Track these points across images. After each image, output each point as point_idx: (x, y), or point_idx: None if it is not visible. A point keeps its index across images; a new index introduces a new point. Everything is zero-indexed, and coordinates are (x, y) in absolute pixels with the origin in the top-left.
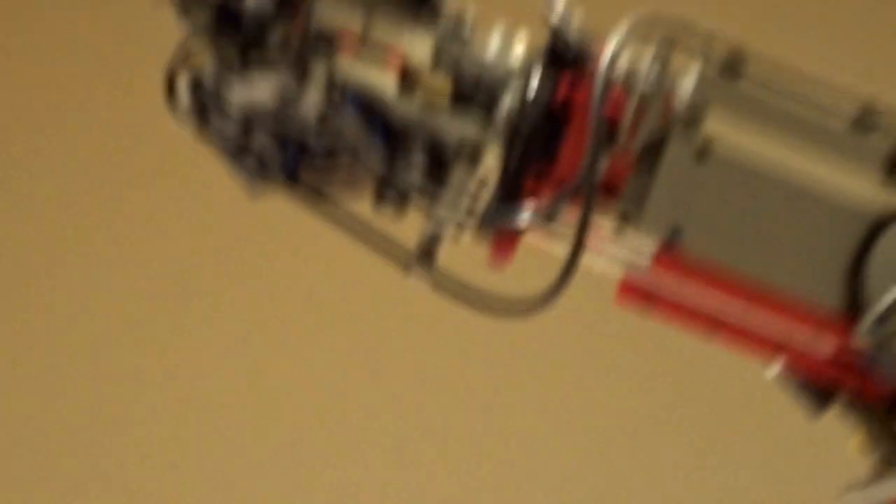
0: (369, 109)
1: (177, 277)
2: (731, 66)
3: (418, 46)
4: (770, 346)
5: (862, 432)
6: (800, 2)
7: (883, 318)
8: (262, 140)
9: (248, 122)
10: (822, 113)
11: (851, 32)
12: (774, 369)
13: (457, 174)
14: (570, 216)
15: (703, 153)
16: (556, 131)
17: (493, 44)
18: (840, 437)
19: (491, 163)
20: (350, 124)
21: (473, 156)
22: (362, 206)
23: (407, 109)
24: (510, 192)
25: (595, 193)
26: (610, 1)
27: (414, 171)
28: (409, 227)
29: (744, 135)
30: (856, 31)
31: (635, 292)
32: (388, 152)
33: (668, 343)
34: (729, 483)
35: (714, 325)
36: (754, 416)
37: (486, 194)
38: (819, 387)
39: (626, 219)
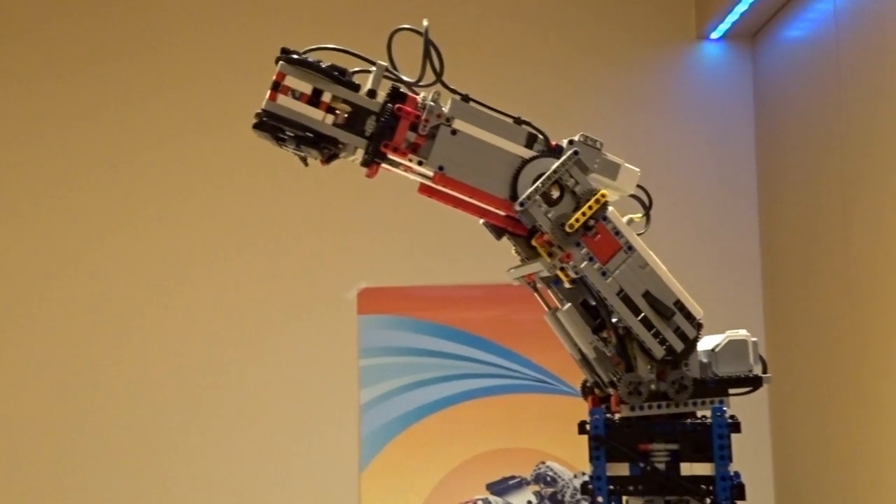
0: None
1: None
2: (464, 100)
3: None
4: (482, 213)
5: (520, 248)
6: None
7: (522, 202)
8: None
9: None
10: (498, 116)
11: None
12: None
13: (354, 138)
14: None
15: (454, 132)
16: (394, 125)
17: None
18: None
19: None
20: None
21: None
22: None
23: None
24: (375, 149)
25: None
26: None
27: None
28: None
29: (469, 127)
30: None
31: (426, 189)
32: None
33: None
34: None
35: (459, 203)
36: None
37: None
38: (498, 228)
39: (420, 163)
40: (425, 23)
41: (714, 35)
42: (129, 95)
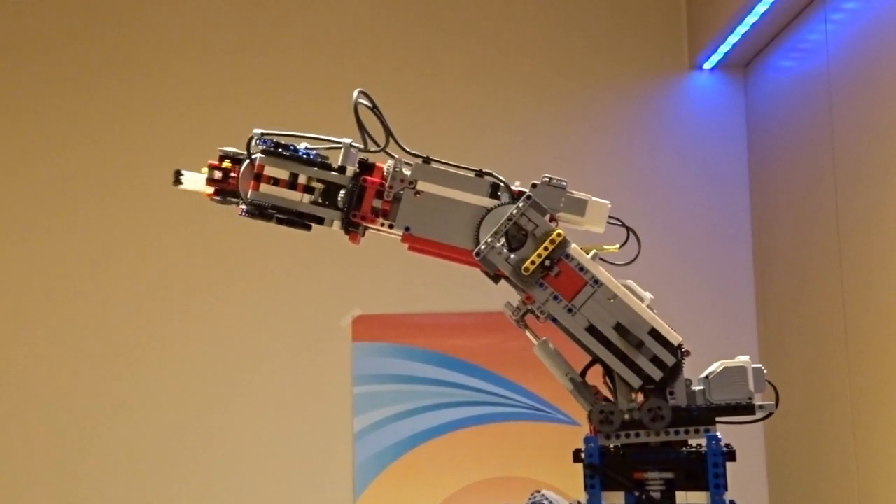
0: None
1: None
2: (425, 162)
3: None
4: (456, 258)
5: (516, 289)
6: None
7: (478, 251)
8: None
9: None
10: (459, 172)
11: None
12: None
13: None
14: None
15: (418, 193)
16: (361, 196)
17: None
18: None
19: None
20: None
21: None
22: None
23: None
24: (348, 220)
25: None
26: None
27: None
28: None
29: (433, 186)
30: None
31: (412, 246)
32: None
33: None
34: None
35: (439, 253)
36: None
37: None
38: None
39: (391, 226)
40: (354, 94)
41: (707, 65)
42: (131, 116)
